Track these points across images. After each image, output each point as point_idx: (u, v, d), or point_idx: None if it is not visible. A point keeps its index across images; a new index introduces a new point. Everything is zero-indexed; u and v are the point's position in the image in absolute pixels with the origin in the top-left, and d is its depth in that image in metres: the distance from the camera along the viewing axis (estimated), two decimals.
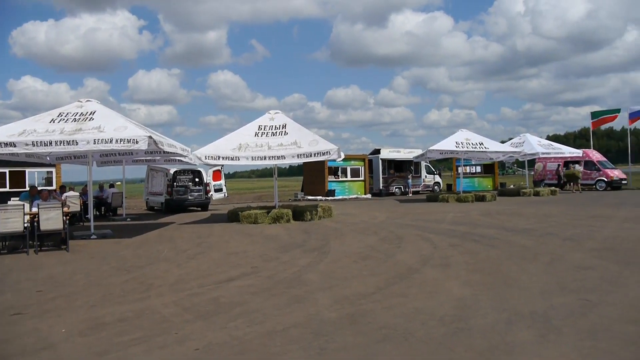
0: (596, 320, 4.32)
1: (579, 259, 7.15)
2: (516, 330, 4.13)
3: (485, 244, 8.77)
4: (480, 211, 15.56)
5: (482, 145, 21.51)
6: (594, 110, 31.63)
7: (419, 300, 5.21)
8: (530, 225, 11.38)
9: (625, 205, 16.56)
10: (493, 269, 6.69)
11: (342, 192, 26.13)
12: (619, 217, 12.71)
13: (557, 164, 29.17)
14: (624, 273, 6.12)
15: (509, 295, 5.28)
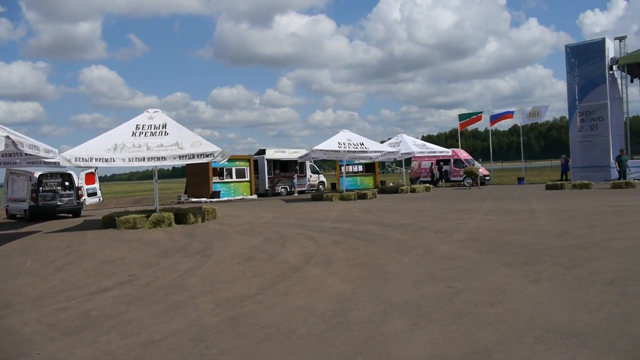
0: (461, 305, 4.70)
1: (448, 250, 7.74)
2: (391, 320, 4.35)
3: (365, 240, 9.16)
4: (362, 208, 16.23)
5: (362, 146, 22.47)
6: (461, 113, 34.54)
7: (301, 298, 5.28)
8: (406, 220, 12.11)
9: (488, 199, 18.28)
10: (372, 263, 6.99)
11: (227, 193, 25.72)
12: (483, 210, 13.99)
13: (431, 162, 31.41)
14: (485, 261, 6.74)
15: (386, 287, 5.55)
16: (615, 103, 26.10)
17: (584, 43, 27.10)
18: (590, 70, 25.73)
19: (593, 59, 25.66)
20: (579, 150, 26.38)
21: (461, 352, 3.55)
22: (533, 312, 4.37)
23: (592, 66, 25.70)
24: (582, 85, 25.99)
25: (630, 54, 25.50)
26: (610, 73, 25.85)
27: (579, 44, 27.18)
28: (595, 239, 7.93)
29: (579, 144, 26.37)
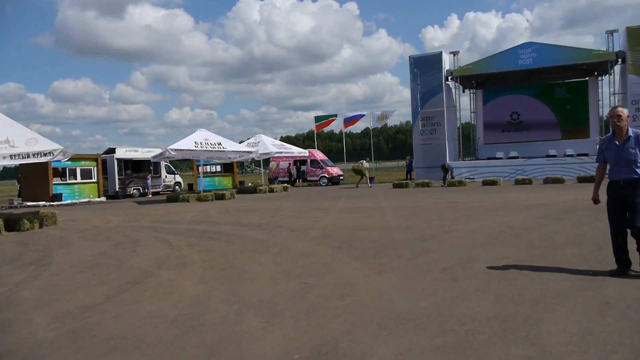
0: (313, 300, 4.88)
1: (303, 247, 7.98)
2: (245, 320, 4.35)
3: (222, 241, 9.04)
4: (220, 209, 16.00)
5: (220, 145, 22.16)
6: (317, 115, 35.88)
7: (153, 304, 5.04)
8: (264, 220, 12.22)
9: (342, 197, 19.23)
10: (228, 264, 6.93)
11: (71, 195, 23.49)
12: (337, 208, 14.68)
13: (289, 162, 32.08)
14: (337, 256, 7.08)
15: (241, 287, 5.55)
16: (450, 110, 29.20)
17: (425, 55, 29.84)
18: (430, 79, 28.43)
19: (432, 69, 28.38)
20: (421, 152, 28.98)
21: (312, 344, 3.69)
22: (377, 301, 4.70)
23: (431, 76, 28.41)
24: (423, 93, 28.58)
25: (462, 67, 28.71)
26: (446, 83, 28.84)
27: (421, 55, 29.85)
28: (432, 232, 8.79)
29: (421, 146, 28.96)
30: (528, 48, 26.67)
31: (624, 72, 25.42)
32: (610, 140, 5.30)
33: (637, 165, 5.06)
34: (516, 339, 3.55)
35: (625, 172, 5.10)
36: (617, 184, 5.21)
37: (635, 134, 5.11)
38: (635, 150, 5.06)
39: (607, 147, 5.32)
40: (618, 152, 5.16)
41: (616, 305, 4.19)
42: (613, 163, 5.23)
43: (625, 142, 5.12)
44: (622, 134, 5.15)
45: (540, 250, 6.74)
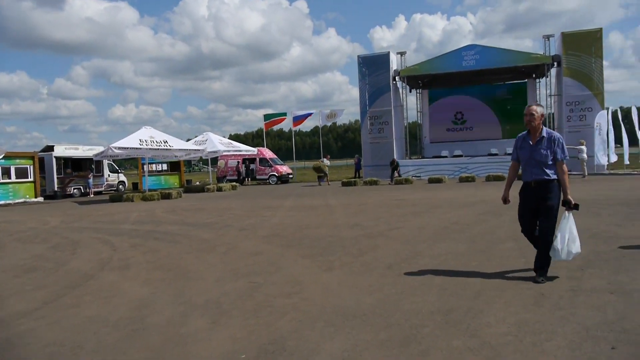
0: (261, 298, 4.85)
1: (251, 246, 7.92)
2: (191, 321, 4.27)
3: (167, 241, 8.83)
4: (166, 209, 15.62)
5: (166, 143, 21.62)
6: (266, 113, 35.65)
7: (93, 308, 4.85)
8: (212, 219, 12.03)
9: (291, 196, 19.22)
10: (174, 264, 6.78)
11: (5, 196, 22.23)
12: (286, 206, 14.65)
13: (237, 161, 31.73)
14: (285, 254, 7.07)
15: (187, 288, 5.44)
16: (397, 110, 29.74)
17: (373, 55, 30.25)
18: (378, 79, 28.85)
19: (380, 69, 28.82)
20: (369, 150, 29.38)
21: (259, 343, 3.66)
22: (325, 298, 4.73)
23: (379, 76, 28.84)
24: (371, 92, 28.98)
25: (408, 67, 29.32)
26: (394, 83, 29.36)
27: (369, 55, 30.24)
28: (379, 229, 8.94)
29: (369, 145, 29.37)
30: (471, 50, 27.57)
31: (559, 74, 26.74)
32: (524, 139, 5.15)
33: (548, 167, 4.91)
34: (457, 331, 3.67)
35: (536, 173, 4.95)
36: (528, 185, 5.05)
37: (549, 135, 4.98)
38: (546, 152, 4.90)
39: (521, 146, 5.16)
40: (531, 152, 4.99)
41: (550, 296, 4.40)
42: (525, 163, 5.09)
43: (539, 142, 4.97)
44: (536, 133, 5.01)
45: (481, 245, 6.99)
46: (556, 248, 4.82)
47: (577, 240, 4.88)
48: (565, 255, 4.82)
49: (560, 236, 4.83)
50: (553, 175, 4.90)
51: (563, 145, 4.94)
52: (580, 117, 25.60)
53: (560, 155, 4.90)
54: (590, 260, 5.67)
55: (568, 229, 4.83)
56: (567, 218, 4.86)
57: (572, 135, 24.92)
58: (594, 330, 3.55)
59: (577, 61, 25.69)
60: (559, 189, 4.92)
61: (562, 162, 4.90)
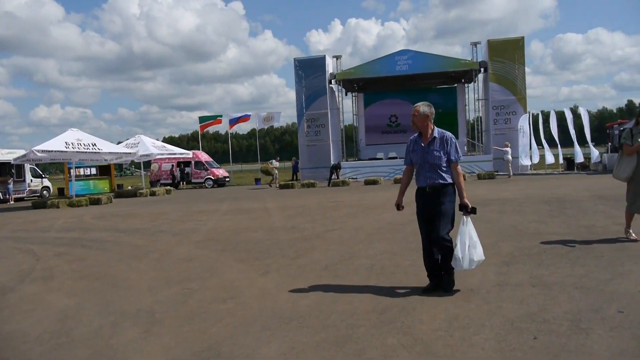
0: (195, 305, 4.73)
1: (185, 251, 7.71)
2: (121, 331, 4.09)
3: (96, 249, 8.44)
4: (95, 215, 14.92)
5: (95, 146, 20.66)
6: (202, 115, 34.97)
7: (12, 322, 4.54)
8: (144, 224, 11.62)
9: (227, 199, 18.94)
10: (102, 273, 6.48)
11: None
12: (222, 210, 14.42)
13: (172, 164, 30.88)
14: (220, 259, 6.94)
15: (117, 297, 5.21)
16: (334, 112, 30.10)
17: (309, 58, 30.45)
18: (314, 82, 29.07)
19: (316, 72, 29.05)
20: (306, 153, 29.52)
21: (193, 351, 3.57)
22: (261, 302, 4.69)
23: (315, 79, 29.06)
24: (307, 95, 29.14)
25: (344, 71, 29.75)
26: (330, 86, 29.70)
27: (305, 58, 30.40)
28: (316, 231, 8.98)
29: (306, 147, 29.50)
30: (404, 55, 28.40)
31: (486, 80, 28.10)
32: (416, 141, 4.80)
33: (443, 170, 4.59)
34: (392, 330, 3.74)
35: (431, 177, 4.61)
36: (423, 190, 4.70)
37: (441, 135, 4.67)
38: (440, 153, 4.58)
39: (413, 148, 4.80)
40: (423, 154, 4.66)
41: (479, 292, 4.60)
42: (419, 167, 4.73)
43: (430, 143, 4.64)
44: (427, 134, 4.69)
45: (414, 244, 7.16)
46: (457, 257, 4.45)
47: (478, 246, 4.50)
48: (468, 264, 4.44)
49: (460, 244, 4.46)
50: (449, 179, 4.60)
51: (456, 145, 4.66)
52: (506, 120, 27.01)
53: (454, 156, 4.61)
54: (515, 256, 5.97)
55: (468, 235, 4.48)
56: (465, 223, 4.52)
57: (498, 137, 26.28)
58: (518, 322, 3.74)
59: (501, 67, 27.11)
60: (455, 192, 4.64)
61: (456, 163, 4.62)
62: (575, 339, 3.34)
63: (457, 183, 4.60)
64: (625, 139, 6.48)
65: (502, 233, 7.64)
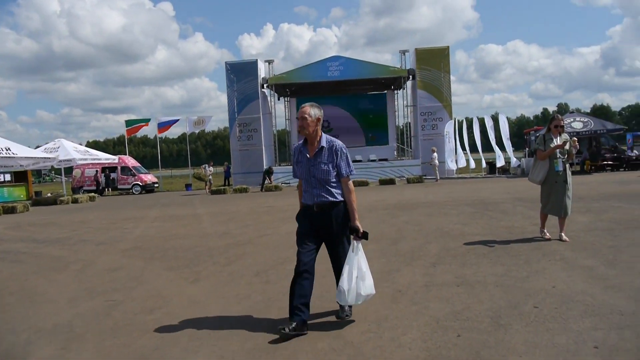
0: (119, 317, 4.52)
1: (110, 261, 7.37)
2: (36, 349, 3.83)
3: (10, 261, 7.87)
4: (9, 224, 13.93)
5: (9, 151, 19.30)
6: (129, 119, 33.63)
7: None
8: (65, 234, 10.99)
9: (156, 206, 18.32)
10: (17, 287, 6.04)
11: None
12: (150, 217, 13.92)
13: (96, 170, 29.47)
14: (148, 268, 6.69)
15: (33, 312, 4.88)
16: (266, 117, 30.00)
17: (241, 62, 30.22)
18: (247, 86, 28.84)
19: (248, 76, 28.84)
20: (238, 158, 29.18)
21: None
22: (190, 311, 4.55)
23: (247, 83, 28.84)
24: (240, 99, 28.85)
25: (276, 75, 29.74)
26: (262, 91, 29.58)
27: (237, 62, 30.15)
28: (248, 237, 8.88)
29: (238, 152, 29.17)
30: (336, 61, 28.83)
31: (414, 87, 29.10)
32: (300, 150, 4.02)
33: (333, 185, 3.91)
34: (323, 334, 3.76)
35: (318, 194, 3.90)
36: (309, 209, 3.98)
37: (330, 144, 3.93)
38: (328, 167, 3.88)
39: (298, 160, 4.04)
40: (309, 167, 3.93)
41: (407, 293, 4.73)
42: (305, 181, 4.01)
43: (318, 154, 3.91)
44: (314, 143, 3.94)
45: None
46: (342, 290, 3.76)
47: (368, 278, 3.85)
48: (354, 299, 3.78)
49: (347, 274, 3.79)
50: (339, 196, 3.93)
51: (347, 157, 3.96)
52: (433, 126, 28.10)
53: (345, 171, 3.93)
54: (441, 257, 6.20)
55: (357, 265, 3.82)
56: (355, 250, 3.85)
57: (426, 142, 27.33)
58: (443, 320, 3.88)
59: (428, 75, 28.21)
60: (346, 212, 3.98)
61: (347, 178, 3.95)
62: (495, 335, 3.51)
63: (348, 201, 3.94)
64: (538, 145, 6.93)
65: (429, 235, 7.92)
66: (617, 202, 10.62)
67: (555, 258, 5.78)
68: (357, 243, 3.89)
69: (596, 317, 3.75)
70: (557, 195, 6.73)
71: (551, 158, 6.74)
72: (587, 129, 23.23)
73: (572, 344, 3.29)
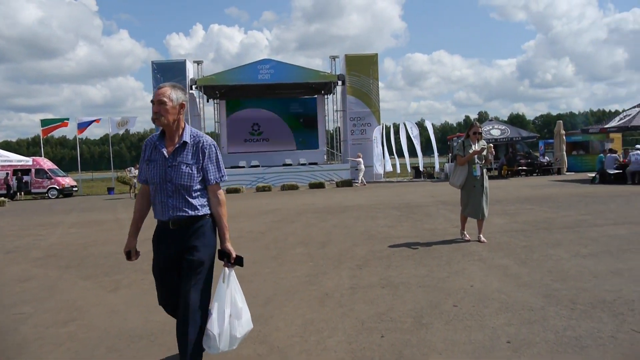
0: (29, 331, 4.20)
1: (20, 271, 6.86)
2: None
3: None
4: None
5: None
6: (45, 118, 31.59)
7: None
8: None
9: (74, 211, 17.32)
10: None
11: None
12: (67, 222, 13.13)
13: (7, 172, 27.43)
14: (63, 277, 6.29)
15: None
16: (194, 119, 29.25)
17: (169, 62, 29.30)
18: None
19: (176, 77, 27.97)
20: None
21: None
22: (108, 322, 4.33)
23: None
24: None
25: (205, 77, 29.12)
26: (191, 92, 28.85)
27: (164, 61, 29.20)
28: None
29: None
30: (267, 64, 28.69)
31: (344, 92, 29.55)
32: (155, 145, 2.97)
33: (196, 195, 2.93)
34: (247, 340, 3.69)
35: (176, 205, 2.91)
36: (164, 226, 3.02)
37: (196, 140, 2.96)
38: (191, 169, 2.89)
39: (151, 157, 2.97)
40: (165, 168, 2.89)
41: (333, 296, 4.76)
42: (157, 188, 2.95)
43: (178, 151, 2.91)
44: (174, 136, 2.95)
45: (274, 251, 7.24)
46: (211, 334, 2.85)
47: (244, 314, 2.96)
48: (227, 344, 2.89)
49: (218, 313, 2.88)
50: (204, 209, 2.97)
51: (218, 157, 3.00)
52: (362, 131, 28.66)
53: (214, 175, 2.97)
54: (367, 260, 6.31)
55: (230, 300, 2.92)
56: (227, 280, 2.94)
57: (355, 147, 27.82)
58: (368, 322, 3.94)
59: (358, 81, 28.76)
60: (214, 231, 3.03)
61: (217, 185, 3.00)
62: (417, 334, 3.62)
63: (218, 217, 3.00)
64: (458, 150, 7.26)
65: (357, 238, 8.04)
66: (530, 205, 11.34)
67: (474, 258, 6.06)
68: (230, 271, 2.96)
69: (509, 313, 3.97)
70: (475, 199, 7.07)
71: (470, 163, 7.08)
72: (504, 136, 24.69)
73: (487, 340, 3.45)
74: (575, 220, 8.78)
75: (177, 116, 2.96)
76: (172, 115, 2.92)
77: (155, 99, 2.91)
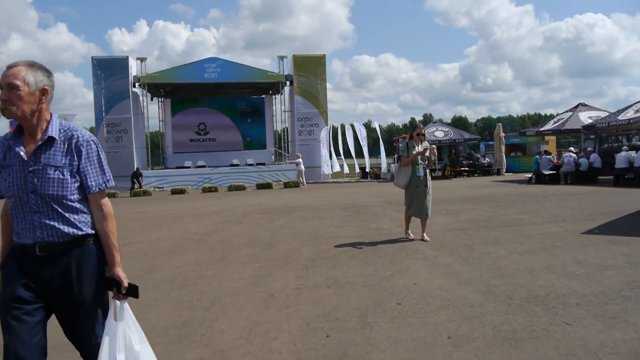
0: None
1: None
2: None
3: None
4: None
5: None
6: None
7: None
8: None
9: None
10: None
11: None
12: None
13: None
14: None
15: None
16: (138, 118, 28.39)
17: (110, 57, 28.26)
18: (116, 84, 27.04)
19: (118, 74, 27.07)
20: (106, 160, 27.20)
21: None
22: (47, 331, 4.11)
23: (117, 80, 27.06)
24: (108, 98, 26.97)
25: (149, 74, 28.31)
26: (134, 90, 27.96)
27: (106, 57, 28.14)
28: None
29: (106, 154, 27.17)
30: (213, 63, 28.24)
31: (292, 92, 29.54)
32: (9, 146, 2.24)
33: (71, 207, 2.23)
34: (191, 344, 3.62)
35: (42, 223, 2.18)
36: (26, 252, 2.21)
37: (68, 134, 2.26)
38: (63, 173, 2.20)
39: (5, 163, 2.22)
40: (25, 175, 2.18)
41: (279, 297, 4.74)
42: (16, 202, 2.20)
43: (41, 152, 2.21)
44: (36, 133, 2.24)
45: (219, 253, 7.13)
46: None
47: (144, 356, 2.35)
48: None
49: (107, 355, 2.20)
50: (86, 227, 2.29)
51: (100, 156, 2.35)
52: (309, 131, 28.76)
53: (95, 180, 2.30)
54: (314, 260, 6.33)
55: (123, 339, 2.27)
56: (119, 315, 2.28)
57: (303, 147, 27.87)
58: (313, 322, 3.95)
59: (306, 82, 28.85)
60: (100, 257, 2.35)
61: (100, 193, 2.33)
62: (361, 333, 3.66)
63: (104, 234, 2.33)
64: (402, 151, 7.41)
65: (304, 238, 8.05)
66: (471, 205, 11.74)
67: (418, 257, 6.21)
68: (122, 303, 2.30)
69: (451, 310, 4.09)
70: (419, 199, 7.25)
71: (413, 164, 7.24)
72: (448, 138, 25.48)
73: (429, 336, 3.54)
74: (513, 219, 9.17)
75: (38, 106, 2.21)
76: (29, 104, 2.18)
77: (2, 82, 2.15)
